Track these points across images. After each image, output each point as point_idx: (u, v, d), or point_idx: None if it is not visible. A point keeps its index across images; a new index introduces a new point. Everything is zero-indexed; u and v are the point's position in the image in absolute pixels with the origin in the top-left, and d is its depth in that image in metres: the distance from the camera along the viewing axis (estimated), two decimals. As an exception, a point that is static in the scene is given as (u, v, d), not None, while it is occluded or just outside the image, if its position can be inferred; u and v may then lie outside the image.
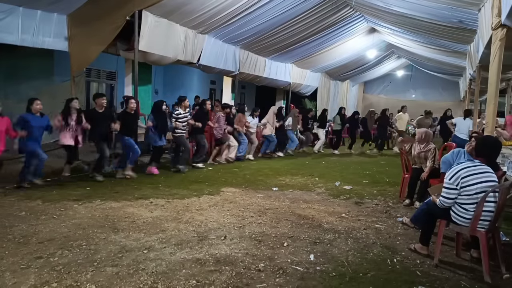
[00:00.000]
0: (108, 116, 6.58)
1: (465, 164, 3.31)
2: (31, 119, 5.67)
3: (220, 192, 6.00)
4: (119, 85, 12.19)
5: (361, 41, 12.84)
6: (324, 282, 3.04)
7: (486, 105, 4.88)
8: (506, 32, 4.35)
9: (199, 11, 7.70)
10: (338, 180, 7.31)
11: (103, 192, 5.67)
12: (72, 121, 6.13)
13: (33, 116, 5.72)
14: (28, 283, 2.83)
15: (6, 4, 5.96)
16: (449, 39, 8.36)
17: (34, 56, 8.48)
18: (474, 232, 3.30)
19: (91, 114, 6.53)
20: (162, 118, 7.28)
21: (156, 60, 8.11)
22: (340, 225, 4.55)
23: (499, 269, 3.37)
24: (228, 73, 11.05)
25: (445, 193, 3.33)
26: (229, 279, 3.01)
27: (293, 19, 9.24)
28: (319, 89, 16.00)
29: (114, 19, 6.83)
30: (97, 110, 6.50)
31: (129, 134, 6.76)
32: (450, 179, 3.29)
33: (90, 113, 6.57)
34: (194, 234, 4.01)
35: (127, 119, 6.74)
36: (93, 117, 6.40)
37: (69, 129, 6.12)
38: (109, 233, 3.93)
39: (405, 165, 5.96)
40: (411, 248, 3.81)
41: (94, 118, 6.38)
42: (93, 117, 6.41)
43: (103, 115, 6.49)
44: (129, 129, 6.76)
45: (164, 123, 7.29)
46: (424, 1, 6.40)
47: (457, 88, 17.55)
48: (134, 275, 3.02)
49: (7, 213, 4.48)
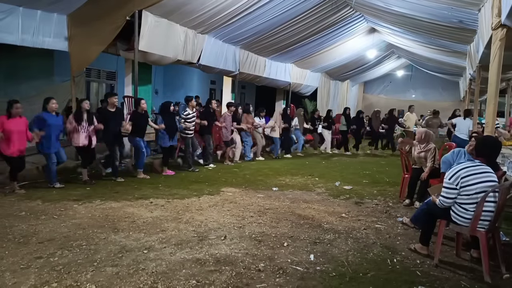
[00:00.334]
0: (120, 116, 6.64)
1: (465, 164, 3.32)
2: (48, 118, 5.67)
3: (220, 192, 6.01)
4: (119, 85, 12.19)
5: (361, 41, 12.83)
6: (324, 282, 3.04)
7: (486, 105, 4.88)
8: (506, 32, 4.34)
9: (199, 11, 7.70)
10: (338, 180, 7.31)
11: (103, 192, 5.67)
12: (84, 122, 6.04)
13: (49, 115, 5.71)
14: (28, 283, 2.83)
15: (6, 4, 5.96)
16: (449, 39, 8.35)
17: (34, 56, 8.48)
18: (474, 232, 3.30)
19: (103, 114, 6.50)
20: (171, 118, 7.32)
21: (156, 60, 8.11)
22: (340, 225, 4.55)
23: (499, 269, 3.37)
24: (228, 73, 11.05)
25: (445, 193, 3.33)
26: (229, 279, 3.01)
27: (293, 19, 9.24)
28: (319, 89, 16.00)
29: (114, 19, 6.82)
30: (109, 109, 6.49)
31: (140, 135, 6.81)
32: (450, 179, 3.29)
33: (103, 113, 6.55)
34: (194, 234, 4.01)
35: (138, 120, 6.78)
36: (105, 117, 6.37)
37: (82, 130, 6.02)
38: (109, 233, 3.93)
39: (405, 165, 5.96)
40: (411, 248, 3.81)
41: (107, 118, 6.36)
42: (105, 117, 6.38)
43: (115, 115, 6.50)
44: (140, 129, 6.79)
45: (173, 123, 7.32)
46: (424, 1, 6.39)
47: (457, 88, 17.54)
48: (134, 275, 3.02)
49: (7, 213, 4.49)
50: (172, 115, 7.40)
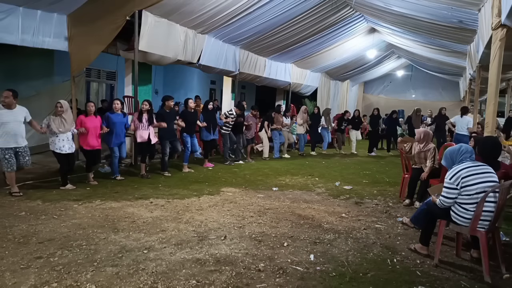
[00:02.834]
0: (174, 116, 7.33)
1: (466, 164, 3.31)
2: (113, 116, 6.50)
3: (220, 192, 6.00)
4: (119, 85, 12.20)
5: (361, 41, 12.83)
6: (324, 282, 3.04)
7: (486, 105, 4.87)
8: (506, 32, 4.34)
9: (199, 11, 7.70)
10: (338, 180, 7.31)
11: (103, 192, 5.68)
12: (145, 120, 6.76)
13: (115, 115, 6.54)
14: (28, 283, 2.83)
15: (6, 4, 5.96)
16: (449, 39, 8.35)
17: (34, 56, 8.48)
18: (474, 232, 3.30)
19: (162, 114, 7.12)
20: (212, 115, 8.08)
21: (156, 60, 8.11)
22: (340, 225, 4.55)
23: (499, 269, 3.37)
24: (228, 73, 11.05)
25: (446, 192, 3.33)
26: (229, 279, 3.01)
27: (293, 19, 9.24)
28: (319, 89, 16.00)
29: (114, 19, 6.82)
30: (166, 110, 7.21)
31: (190, 131, 7.59)
32: (450, 178, 3.29)
33: (161, 114, 7.16)
34: (194, 234, 4.01)
35: (188, 117, 7.55)
36: (163, 117, 7.06)
37: (143, 128, 6.76)
38: (109, 233, 3.93)
39: (405, 165, 5.96)
40: (411, 248, 3.81)
41: (164, 118, 7.04)
42: (163, 117, 7.06)
43: (170, 115, 7.22)
44: (189, 126, 7.56)
45: (213, 119, 8.09)
46: (424, 1, 6.39)
47: (457, 88, 17.54)
48: (134, 275, 3.02)
49: (7, 213, 4.49)
50: (212, 112, 8.13)
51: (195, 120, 7.77)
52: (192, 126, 7.70)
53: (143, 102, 6.95)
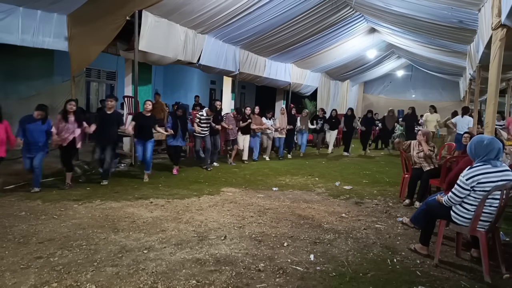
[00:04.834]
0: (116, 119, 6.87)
1: (487, 169, 3.17)
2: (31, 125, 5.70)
3: (220, 192, 6.00)
4: (119, 85, 12.21)
5: (361, 41, 12.82)
6: (324, 282, 3.04)
7: (486, 105, 4.87)
8: (506, 32, 4.34)
9: (199, 11, 7.69)
10: (338, 180, 7.31)
11: (103, 192, 5.68)
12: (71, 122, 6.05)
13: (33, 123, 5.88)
14: (28, 283, 2.83)
15: (6, 4, 5.96)
16: (449, 39, 8.35)
17: (34, 56, 8.50)
18: (474, 232, 3.30)
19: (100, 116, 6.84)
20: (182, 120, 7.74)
21: (156, 60, 8.11)
22: (340, 225, 4.55)
23: (499, 269, 3.37)
24: (228, 73, 11.04)
25: (457, 191, 3.26)
26: (229, 279, 3.01)
27: (293, 19, 9.23)
28: (319, 89, 15.99)
29: (114, 19, 6.82)
30: (107, 112, 6.69)
31: (143, 137, 6.84)
32: (467, 179, 3.19)
33: (100, 115, 6.89)
34: (194, 234, 4.01)
35: (141, 121, 6.88)
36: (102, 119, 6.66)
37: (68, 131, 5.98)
38: (109, 233, 3.93)
39: (405, 165, 5.96)
40: (411, 248, 3.81)
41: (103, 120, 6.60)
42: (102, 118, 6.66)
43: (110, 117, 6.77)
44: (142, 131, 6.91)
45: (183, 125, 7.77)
46: (424, 1, 6.39)
47: (457, 88, 17.53)
48: (134, 275, 3.02)
49: (7, 213, 4.49)
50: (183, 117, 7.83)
51: (150, 125, 6.81)
52: (145, 131, 6.77)
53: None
